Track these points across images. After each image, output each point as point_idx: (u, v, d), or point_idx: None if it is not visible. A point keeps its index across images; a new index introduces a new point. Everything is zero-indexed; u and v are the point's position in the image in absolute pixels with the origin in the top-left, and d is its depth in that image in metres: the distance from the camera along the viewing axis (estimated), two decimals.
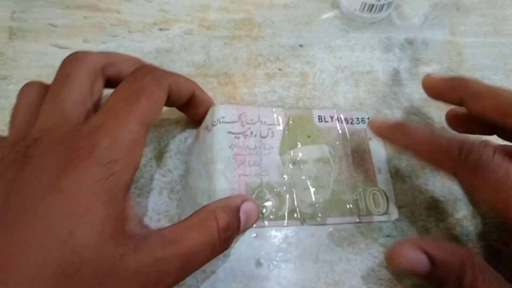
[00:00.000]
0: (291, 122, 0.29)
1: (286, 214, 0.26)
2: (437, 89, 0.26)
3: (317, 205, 0.26)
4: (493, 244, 0.26)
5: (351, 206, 0.27)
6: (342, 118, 0.30)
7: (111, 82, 0.24)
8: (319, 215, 0.26)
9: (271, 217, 0.26)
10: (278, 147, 0.28)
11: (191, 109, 0.28)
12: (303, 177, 0.27)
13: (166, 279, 0.19)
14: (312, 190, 0.27)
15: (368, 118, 0.31)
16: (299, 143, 0.28)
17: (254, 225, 0.26)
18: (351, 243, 0.26)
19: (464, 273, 0.20)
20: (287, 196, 0.26)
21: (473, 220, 0.27)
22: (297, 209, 0.26)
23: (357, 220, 0.27)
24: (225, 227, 0.21)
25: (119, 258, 0.17)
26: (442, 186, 0.28)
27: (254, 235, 0.26)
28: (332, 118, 0.30)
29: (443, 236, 0.27)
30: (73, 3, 0.35)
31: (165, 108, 0.30)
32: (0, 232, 0.17)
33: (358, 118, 0.30)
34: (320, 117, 0.30)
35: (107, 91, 0.23)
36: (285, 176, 0.27)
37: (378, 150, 0.29)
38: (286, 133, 0.28)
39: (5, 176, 0.18)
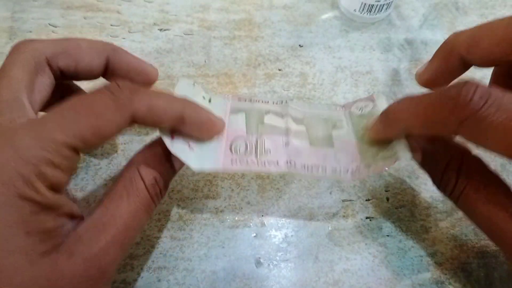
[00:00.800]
0: None
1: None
2: (434, 74, 0.25)
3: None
4: (493, 244, 0.26)
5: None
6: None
7: (69, 74, 0.21)
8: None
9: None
10: None
11: (187, 133, 0.21)
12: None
13: (110, 267, 0.18)
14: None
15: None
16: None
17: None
18: (350, 242, 0.26)
19: (448, 168, 0.20)
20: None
21: None
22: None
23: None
24: (154, 183, 0.20)
25: (57, 273, 0.17)
26: None
27: (254, 234, 0.26)
28: None
29: (443, 236, 0.27)
30: (73, 3, 0.35)
31: None
32: None
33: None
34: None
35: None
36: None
37: None
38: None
39: None
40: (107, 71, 0.23)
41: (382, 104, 0.26)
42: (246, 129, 0.24)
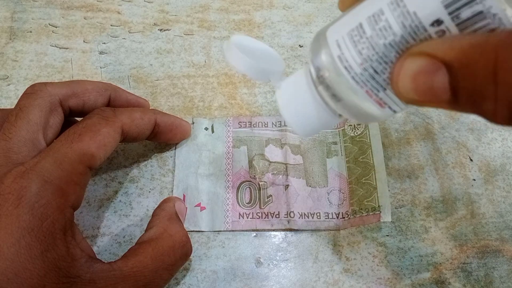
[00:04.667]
0: None
1: None
2: None
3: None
4: (492, 244, 0.27)
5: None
6: None
7: (77, 112, 0.24)
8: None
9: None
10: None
11: (163, 136, 0.27)
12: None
13: None
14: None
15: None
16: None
17: None
18: (350, 242, 0.26)
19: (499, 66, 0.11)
20: None
21: (472, 220, 0.27)
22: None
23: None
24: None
25: None
26: (441, 186, 0.28)
27: (254, 234, 0.26)
28: None
29: (443, 236, 0.27)
30: (73, 3, 0.35)
31: (166, 107, 0.30)
32: None
33: None
34: None
35: None
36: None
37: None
38: None
39: None
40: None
41: (374, 125, 0.29)
42: (249, 169, 0.28)
